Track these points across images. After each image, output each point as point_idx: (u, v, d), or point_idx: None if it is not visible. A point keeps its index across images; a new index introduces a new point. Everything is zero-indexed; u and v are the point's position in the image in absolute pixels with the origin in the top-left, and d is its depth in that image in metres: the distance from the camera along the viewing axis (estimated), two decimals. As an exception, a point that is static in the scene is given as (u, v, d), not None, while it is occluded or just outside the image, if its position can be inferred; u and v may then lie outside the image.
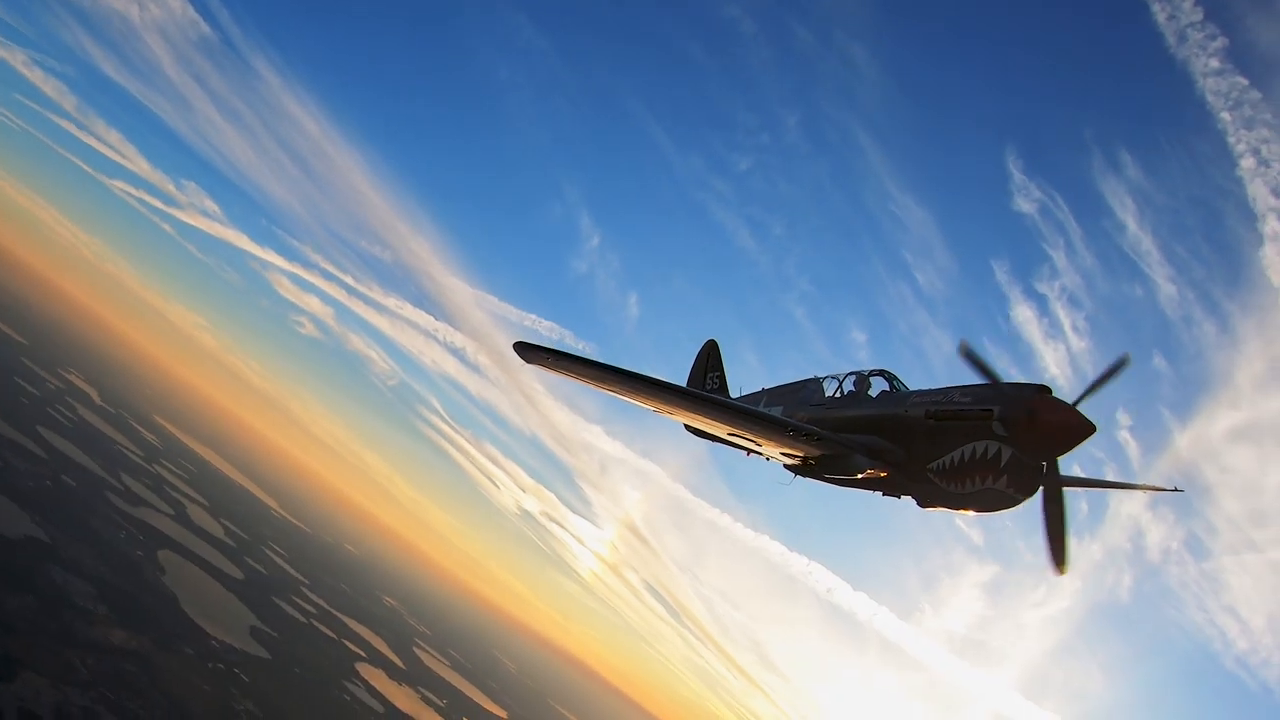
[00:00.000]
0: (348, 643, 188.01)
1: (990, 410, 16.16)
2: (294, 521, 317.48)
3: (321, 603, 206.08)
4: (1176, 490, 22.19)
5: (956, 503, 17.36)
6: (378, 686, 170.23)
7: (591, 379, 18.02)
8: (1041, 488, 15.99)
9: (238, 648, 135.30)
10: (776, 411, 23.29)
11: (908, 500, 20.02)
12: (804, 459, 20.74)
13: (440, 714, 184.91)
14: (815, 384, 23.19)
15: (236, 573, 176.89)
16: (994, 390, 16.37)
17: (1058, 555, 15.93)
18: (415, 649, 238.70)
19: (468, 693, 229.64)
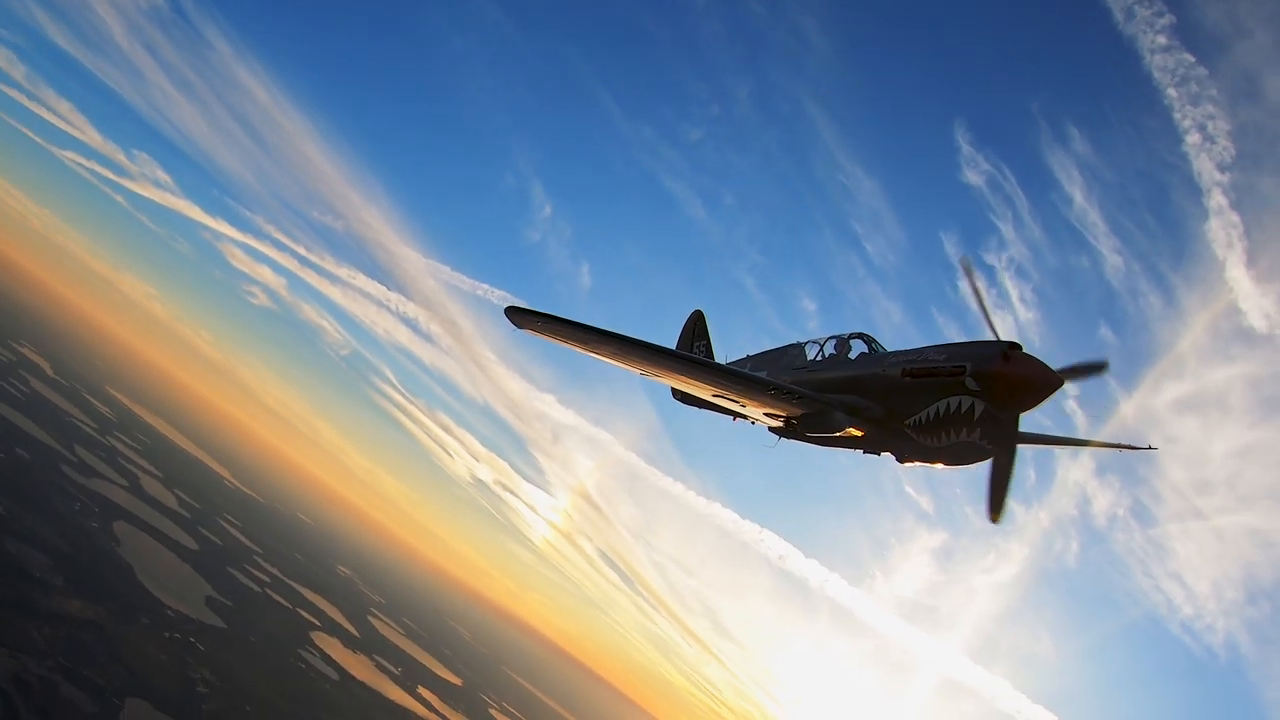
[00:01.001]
0: (302, 612, 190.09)
1: (963, 366, 16.70)
2: (248, 492, 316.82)
3: (276, 572, 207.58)
4: (1150, 449, 23.19)
5: (932, 457, 17.96)
6: (333, 655, 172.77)
7: (582, 343, 18.32)
8: (993, 448, 16.73)
9: (193, 617, 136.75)
10: (762, 375, 23.49)
11: (864, 466, 21.83)
12: (786, 419, 21.45)
13: (395, 681, 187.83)
14: (797, 349, 23.80)
15: (191, 543, 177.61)
16: (966, 347, 17.08)
17: (996, 505, 16.56)
18: (370, 618, 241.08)
19: (422, 660, 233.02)
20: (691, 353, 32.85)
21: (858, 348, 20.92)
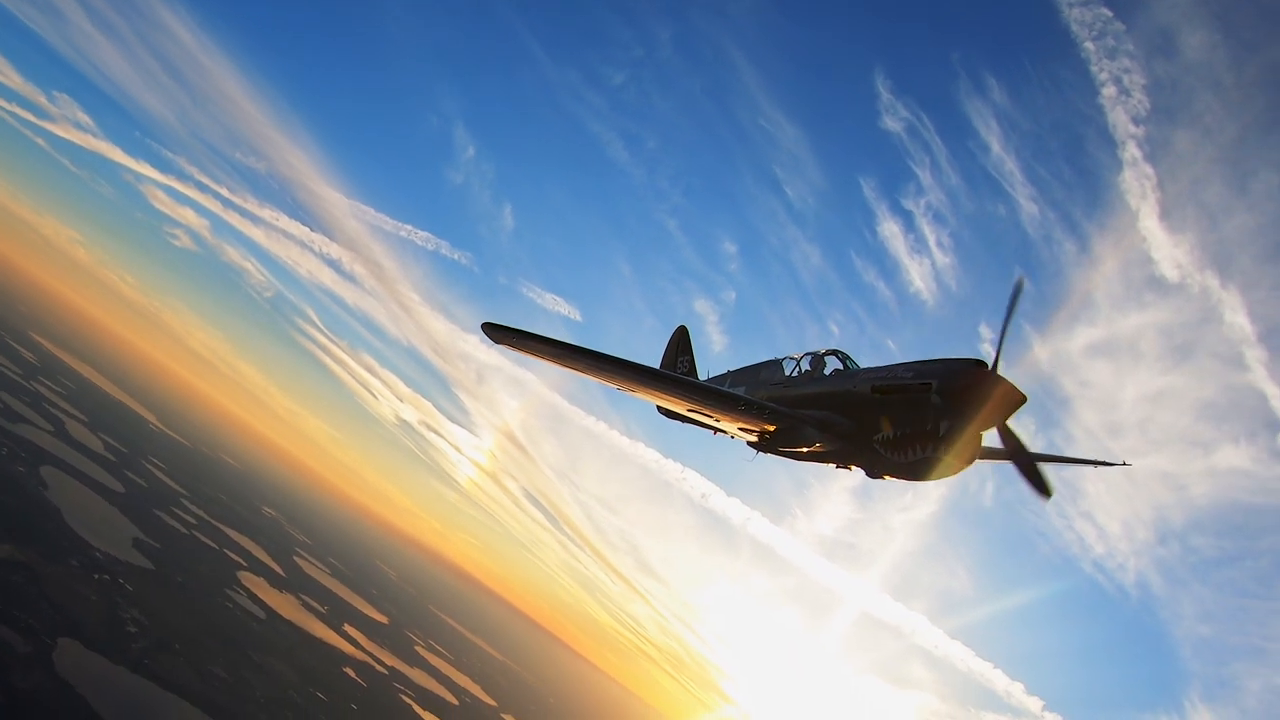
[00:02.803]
0: (229, 552, 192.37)
1: (929, 383, 16.96)
2: (173, 435, 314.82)
3: (202, 514, 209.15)
4: (1125, 464, 24.14)
5: (900, 471, 18.16)
6: (259, 594, 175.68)
7: (558, 359, 18.54)
8: (1008, 457, 17.01)
9: (121, 559, 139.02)
10: (739, 391, 24.33)
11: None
12: (761, 434, 21.86)
13: (322, 620, 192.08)
14: (775, 365, 24.18)
15: (118, 486, 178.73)
16: (933, 365, 17.29)
17: (1041, 489, 16.54)
18: (295, 558, 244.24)
19: (349, 599, 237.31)
20: (676, 367, 34.72)
21: (832, 364, 21.51)
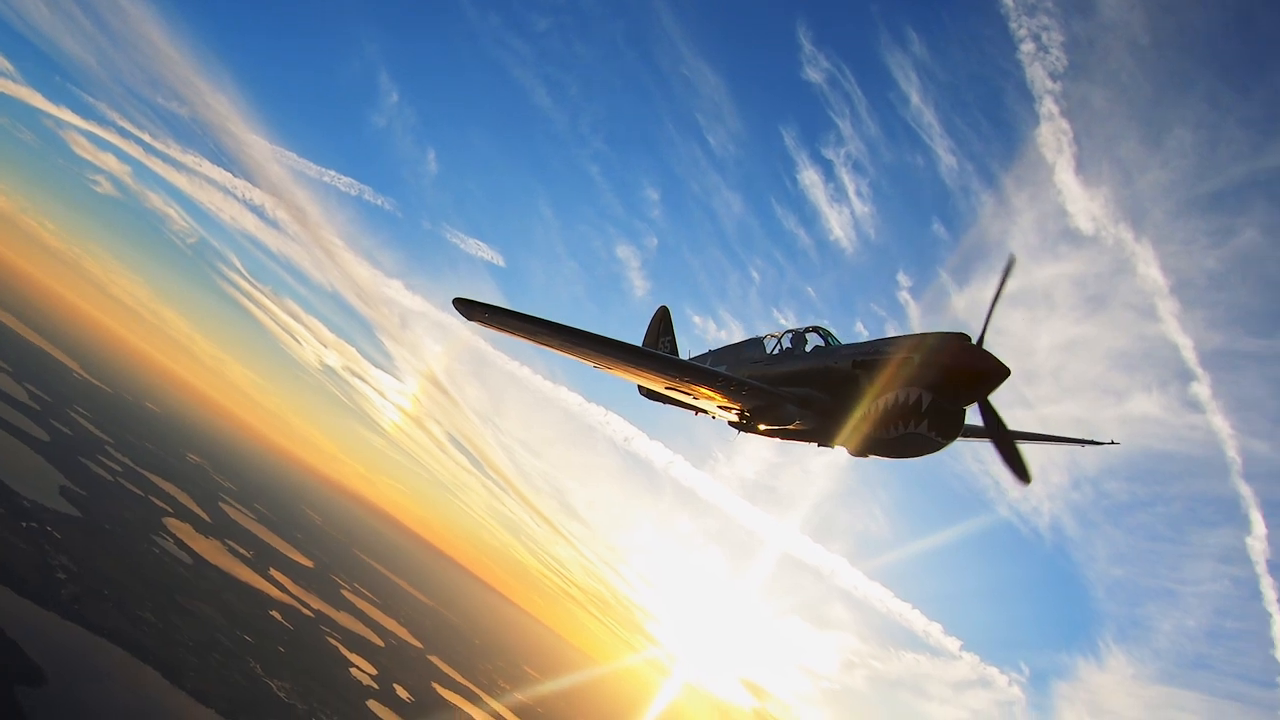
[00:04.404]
0: (154, 499, 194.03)
1: (911, 358, 16.51)
2: (96, 383, 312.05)
3: (127, 461, 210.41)
4: (1113, 443, 23.71)
5: (883, 449, 17.59)
6: (185, 540, 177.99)
7: (531, 335, 18.18)
8: (987, 434, 16.38)
9: (49, 507, 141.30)
10: (720, 370, 23.21)
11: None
12: (741, 413, 21.38)
13: (248, 565, 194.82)
14: (756, 343, 23.60)
15: (43, 435, 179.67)
16: (915, 339, 16.77)
17: (1020, 473, 15.96)
18: (221, 504, 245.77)
19: (274, 544, 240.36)
20: (658, 347, 33.78)
21: (813, 341, 20.97)
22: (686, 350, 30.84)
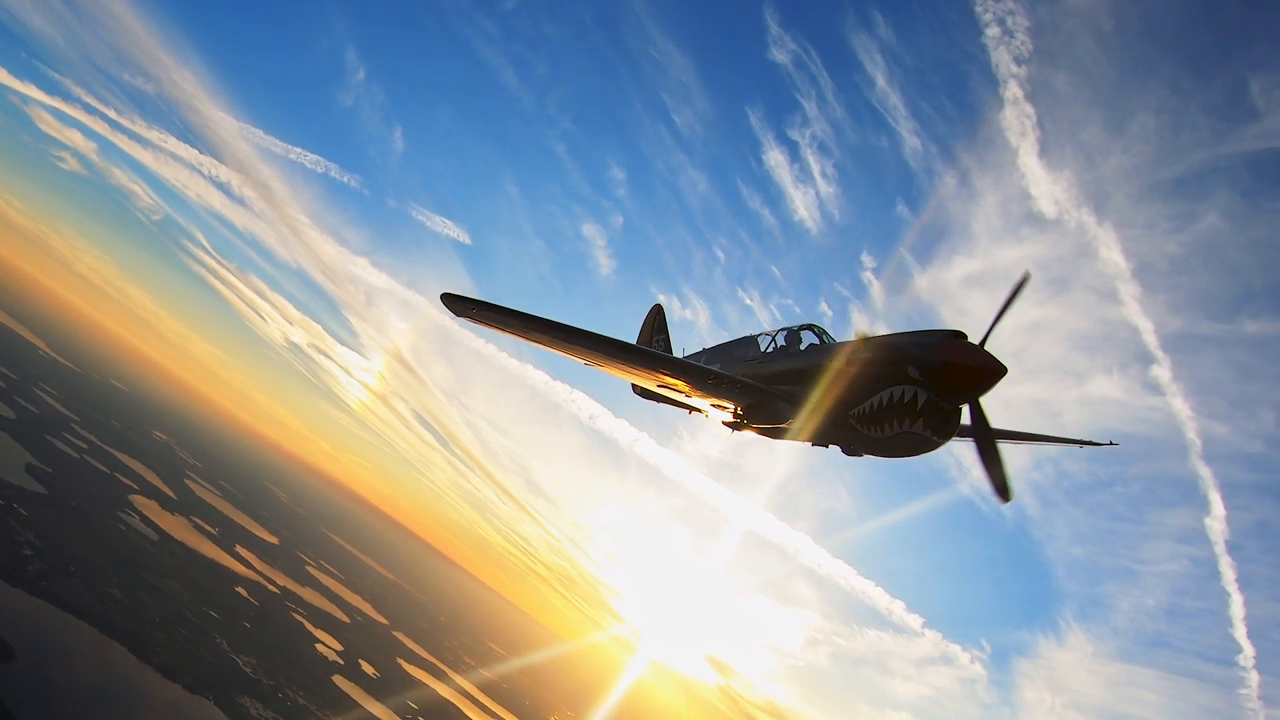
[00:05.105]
0: (120, 476, 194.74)
1: (907, 355, 16.14)
2: (62, 360, 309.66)
3: (93, 439, 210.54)
4: (1111, 444, 23.57)
5: (877, 448, 17.30)
6: (152, 517, 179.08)
7: (521, 331, 17.86)
8: (973, 436, 15.72)
9: (15, 484, 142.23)
10: (714, 368, 23.00)
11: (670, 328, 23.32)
12: (735, 412, 21.15)
13: (213, 541, 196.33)
14: (750, 341, 23.20)
15: (9, 413, 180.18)
16: (912, 336, 16.39)
17: (1000, 487, 15.37)
18: (187, 481, 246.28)
19: (240, 521, 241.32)
20: (651, 346, 33.22)
21: (808, 339, 20.63)
22: (680, 349, 30.58)
